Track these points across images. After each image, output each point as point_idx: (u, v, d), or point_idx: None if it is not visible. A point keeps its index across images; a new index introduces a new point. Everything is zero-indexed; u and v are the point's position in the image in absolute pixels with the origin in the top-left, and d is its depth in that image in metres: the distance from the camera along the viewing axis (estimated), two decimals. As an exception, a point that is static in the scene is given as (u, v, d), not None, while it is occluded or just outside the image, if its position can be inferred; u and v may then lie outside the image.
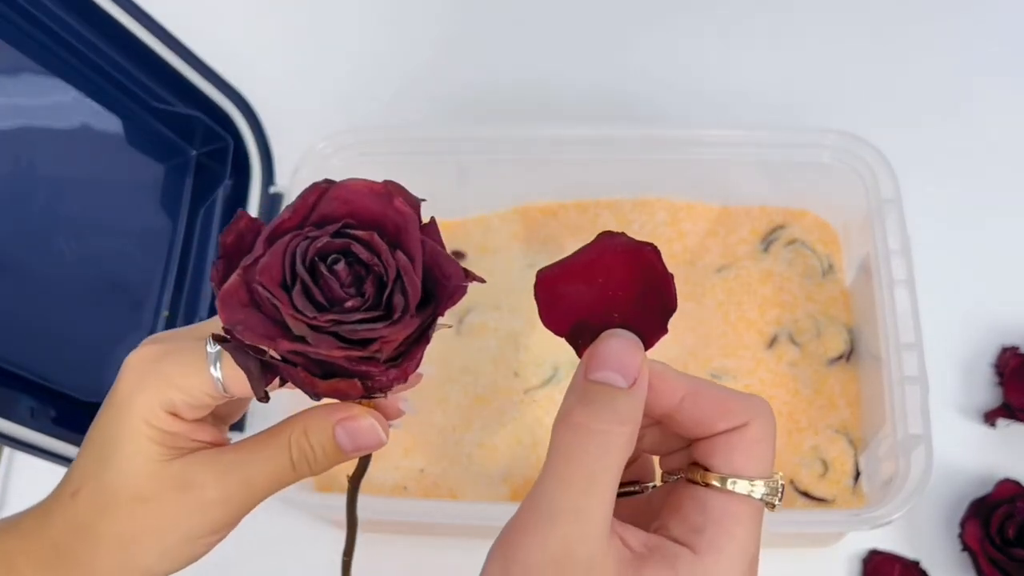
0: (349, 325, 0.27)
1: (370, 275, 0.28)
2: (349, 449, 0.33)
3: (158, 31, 0.64)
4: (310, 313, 0.27)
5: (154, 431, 0.32)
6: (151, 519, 0.32)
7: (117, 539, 0.33)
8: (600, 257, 0.29)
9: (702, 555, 0.27)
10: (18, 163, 0.60)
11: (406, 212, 0.28)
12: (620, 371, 0.28)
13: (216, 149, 0.71)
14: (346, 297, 0.27)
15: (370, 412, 0.33)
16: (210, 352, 0.32)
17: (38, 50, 0.61)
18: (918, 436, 0.54)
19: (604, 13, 0.84)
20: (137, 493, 0.32)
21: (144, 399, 0.32)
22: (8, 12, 0.58)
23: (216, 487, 0.33)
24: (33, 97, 0.61)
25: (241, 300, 0.27)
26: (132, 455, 0.32)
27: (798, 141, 0.65)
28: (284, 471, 0.33)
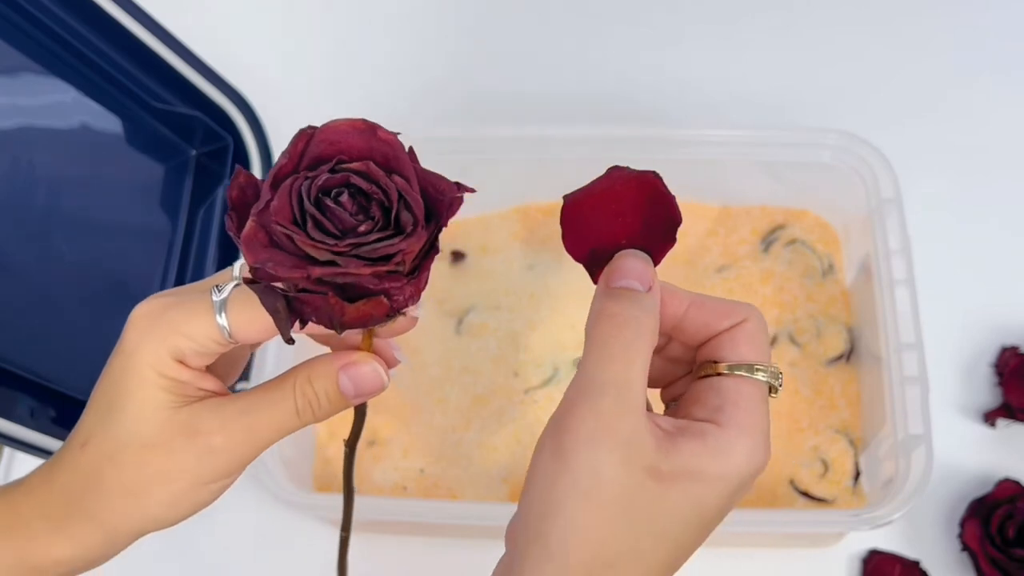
0: (369, 246, 0.28)
1: (373, 201, 0.29)
2: (352, 395, 0.34)
3: (158, 31, 0.64)
4: (331, 241, 0.28)
5: (162, 379, 0.33)
6: (159, 465, 0.33)
7: (126, 487, 0.33)
8: (612, 185, 0.34)
9: (725, 427, 0.31)
10: (18, 163, 0.60)
11: (392, 140, 0.31)
12: (638, 279, 0.32)
13: (216, 149, 0.71)
14: (357, 223, 0.29)
15: (372, 357, 0.34)
16: (215, 300, 0.33)
17: (38, 50, 0.61)
18: (918, 436, 0.54)
19: (604, 13, 0.84)
20: (146, 440, 0.33)
21: (151, 347, 0.33)
22: (8, 12, 0.58)
23: (222, 433, 0.33)
24: (33, 97, 0.61)
25: (262, 242, 0.28)
26: (140, 403, 0.33)
27: (798, 141, 0.65)
28: (288, 418, 0.34)
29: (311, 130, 0.30)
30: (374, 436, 0.67)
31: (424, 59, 0.83)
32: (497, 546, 0.34)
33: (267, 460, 0.58)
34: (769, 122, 0.76)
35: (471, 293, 0.70)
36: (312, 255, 0.28)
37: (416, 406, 0.67)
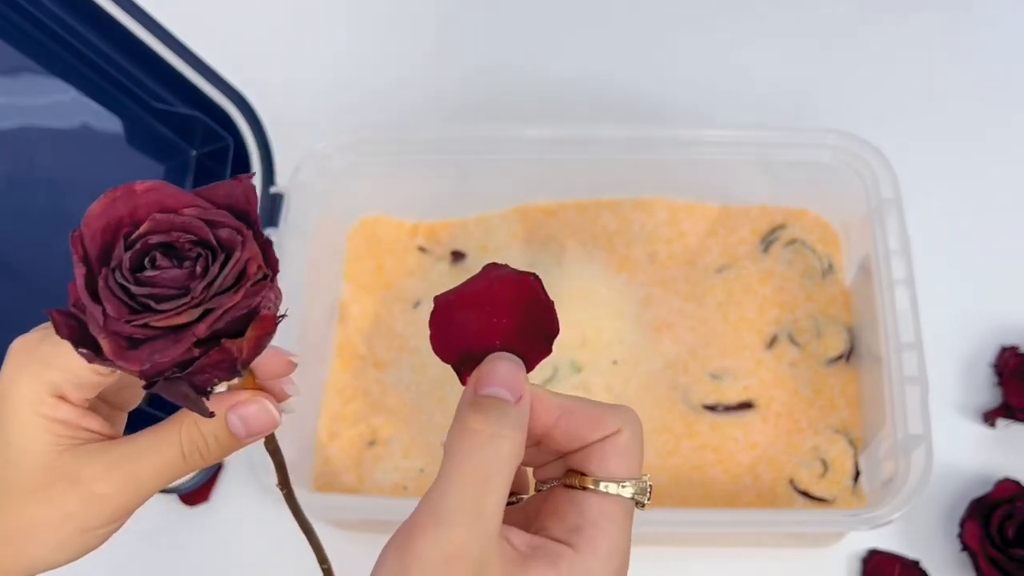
0: (219, 279, 0.28)
1: (184, 246, 0.28)
2: (243, 435, 0.33)
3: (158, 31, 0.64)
4: (186, 299, 0.27)
5: (41, 419, 0.32)
6: (43, 511, 0.32)
7: (9, 534, 0.32)
8: (489, 286, 0.32)
9: (581, 552, 0.29)
10: (18, 163, 0.60)
11: (153, 186, 0.29)
12: (507, 387, 0.30)
13: (216, 149, 0.71)
14: (190, 270, 0.28)
15: (260, 394, 0.33)
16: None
17: (38, 50, 0.61)
18: (918, 436, 0.54)
19: (604, 14, 0.84)
20: (26, 486, 0.32)
21: (27, 384, 0.32)
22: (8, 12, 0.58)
23: (104, 480, 0.32)
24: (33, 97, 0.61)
25: (126, 348, 0.27)
26: (19, 446, 0.32)
27: (798, 141, 0.65)
28: (175, 463, 0.33)
29: (77, 232, 0.29)
30: (374, 436, 0.67)
31: (425, 60, 0.83)
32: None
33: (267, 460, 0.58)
34: (769, 122, 0.76)
35: (471, 293, 0.70)
36: (180, 324, 0.27)
37: (416, 406, 0.67)
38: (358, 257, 0.72)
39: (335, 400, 0.68)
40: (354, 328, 0.70)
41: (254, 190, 0.29)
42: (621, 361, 0.67)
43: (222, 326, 0.28)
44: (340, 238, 0.72)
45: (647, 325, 0.68)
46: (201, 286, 0.27)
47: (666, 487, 0.63)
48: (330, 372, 0.69)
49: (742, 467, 0.63)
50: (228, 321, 0.28)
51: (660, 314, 0.68)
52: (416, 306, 0.70)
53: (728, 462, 0.63)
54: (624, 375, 0.67)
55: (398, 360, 0.69)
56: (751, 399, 0.65)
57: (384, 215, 0.73)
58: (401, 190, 0.71)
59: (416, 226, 0.73)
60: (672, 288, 0.69)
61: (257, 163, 0.71)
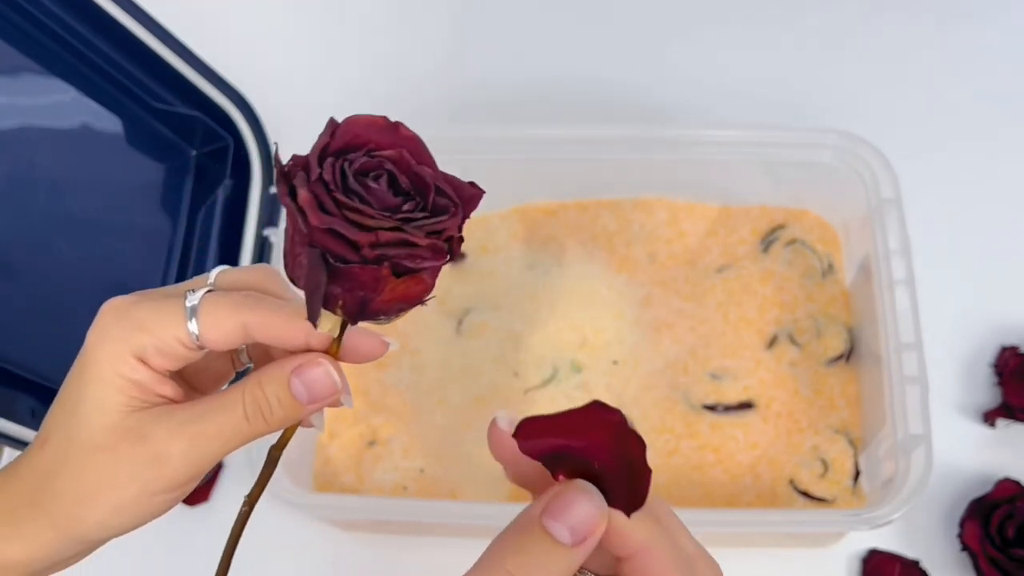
0: (418, 222, 0.29)
1: (410, 186, 0.30)
2: (305, 399, 0.33)
3: (158, 31, 0.64)
4: (385, 213, 0.28)
5: (118, 379, 0.32)
6: (107, 471, 0.32)
7: (75, 490, 0.32)
8: (587, 424, 0.28)
9: None
10: (18, 163, 0.60)
11: (413, 136, 0.31)
12: (573, 529, 0.27)
13: (216, 149, 0.71)
14: (400, 203, 0.29)
15: (325, 358, 0.33)
16: (188, 303, 0.32)
17: (38, 50, 0.61)
18: (918, 436, 0.54)
19: (603, 14, 0.84)
20: (96, 444, 0.32)
21: (113, 344, 0.32)
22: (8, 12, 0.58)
23: (169, 441, 0.32)
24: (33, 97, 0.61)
25: (312, 205, 0.28)
26: (93, 404, 0.32)
27: (798, 141, 0.65)
28: (238, 425, 0.33)
29: (333, 124, 0.31)
30: (374, 436, 0.67)
31: (425, 60, 0.83)
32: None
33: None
34: (769, 122, 0.76)
35: (471, 293, 0.70)
36: (364, 223, 0.28)
37: (416, 406, 0.67)
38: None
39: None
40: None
41: (479, 198, 0.31)
42: (621, 361, 0.67)
43: (391, 254, 0.28)
44: (340, 238, 0.72)
45: (647, 325, 0.68)
46: (402, 213, 0.29)
47: (666, 487, 0.63)
48: (330, 372, 0.69)
49: (742, 467, 0.63)
50: (396, 256, 0.28)
51: (660, 314, 0.68)
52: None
53: (728, 462, 0.63)
54: (624, 375, 0.67)
55: (398, 360, 0.69)
56: (751, 399, 0.65)
57: (384, 215, 0.73)
58: (401, 190, 0.71)
59: (416, 226, 0.73)
60: (672, 288, 0.69)
61: (257, 163, 0.71)
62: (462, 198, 0.30)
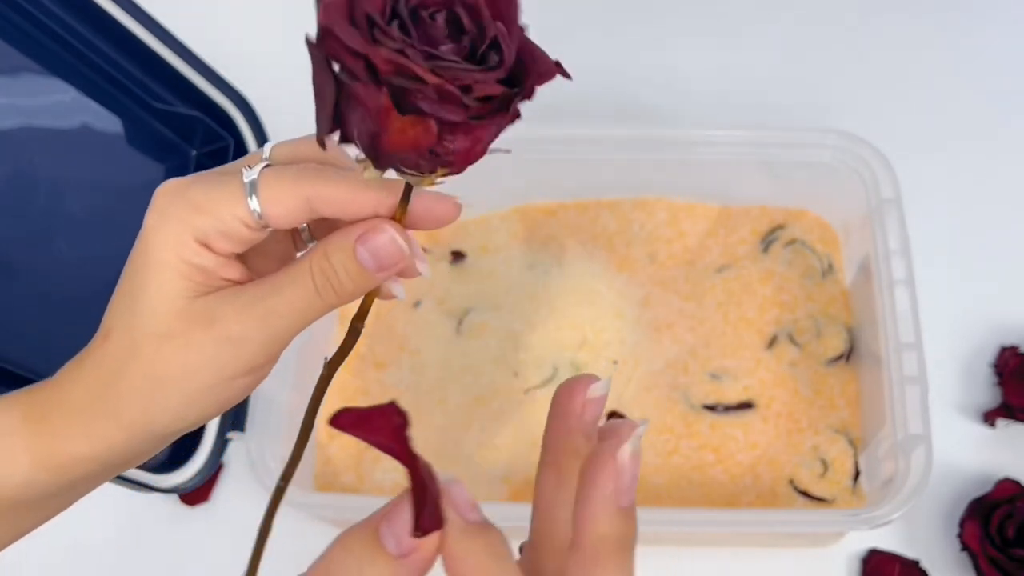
0: (444, 62, 0.26)
1: (466, 35, 0.27)
2: (372, 266, 0.31)
3: (158, 31, 0.64)
4: (408, 42, 0.25)
5: (182, 264, 0.31)
6: (178, 358, 0.31)
7: (144, 381, 0.31)
8: (378, 425, 0.28)
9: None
10: (18, 163, 0.60)
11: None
12: (397, 538, 0.27)
13: (216, 149, 0.71)
14: (443, 41, 0.26)
15: (390, 223, 0.31)
16: (245, 179, 0.31)
17: (38, 50, 0.61)
18: (918, 436, 0.54)
19: (603, 13, 0.84)
20: (163, 331, 0.31)
21: (171, 228, 0.31)
22: (8, 12, 0.58)
23: (239, 322, 0.31)
24: (33, 97, 0.61)
25: (341, 12, 0.26)
26: (157, 291, 0.31)
27: (798, 141, 0.65)
28: (309, 298, 0.31)
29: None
30: (374, 436, 0.67)
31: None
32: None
33: (267, 460, 0.58)
34: (769, 122, 0.76)
35: (471, 293, 0.70)
36: (381, 42, 0.25)
37: (416, 406, 0.67)
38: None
39: (335, 400, 0.68)
40: (354, 328, 0.70)
41: (552, 74, 0.27)
42: (621, 361, 0.67)
43: (393, 81, 0.25)
44: (340, 238, 0.72)
45: (647, 325, 0.68)
46: (423, 49, 0.26)
47: (666, 487, 0.63)
48: (330, 372, 0.69)
49: (742, 467, 0.63)
50: (399, 84, 0.25)
51: (660, 314, 0.68)
52: (416, 306, 0.70)
53: (728, 462, 0.63)
54: (624, 375, 0.67)
55: (398, 360, 0.69)
56: (751, 399, 0.65)
57: (384, 215, 0.73)
58: (401, 190, 0.71)
59: (416, 226, 0.73)
60: (672, 288, 0.69)
61: (257, 163, 0.71)
62: (529, 73, 0.27)
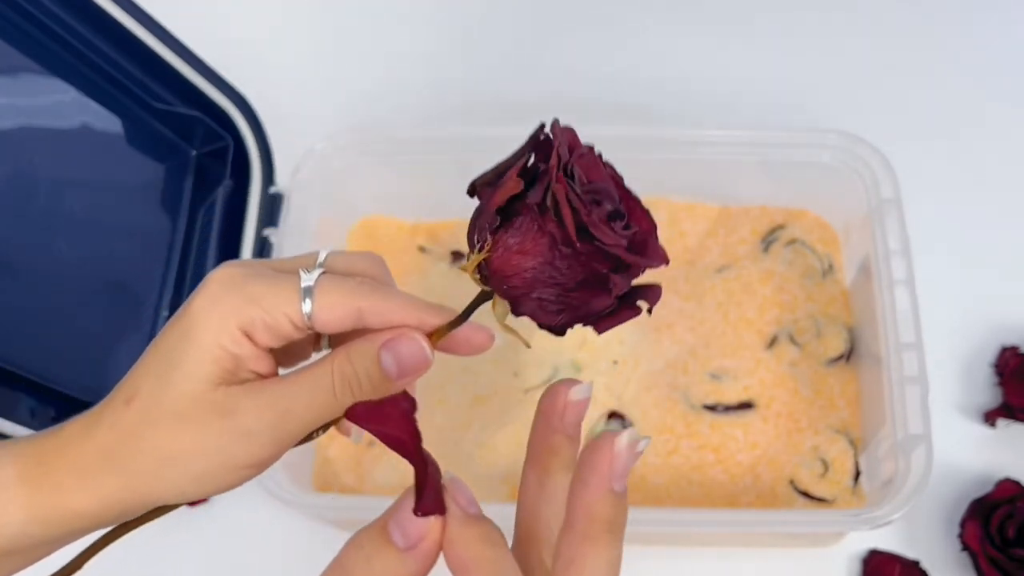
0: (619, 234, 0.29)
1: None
2: (395, 372, 0.32)
3: (158, 31, 0.64)
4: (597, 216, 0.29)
5: (219, 350, 0.32)
6: (191, 441, 0.32)
7: (158, 454, 0.32)
8: (388, 413, 0.30)
9: None
10: (18, 163, 0.60)
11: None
12: (404, 532, 0.29)
13: (216, 149, 0.71)
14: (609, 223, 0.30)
15: (412, 332, 0.32)
16: (303, 284, 0.32)
17: (38, 50, 0.61)
18: (918, 436, 0.54)
19: (603, 13, 0.84)
20: (182, 412, 0.32)
21: (220, 315, 0.32)
22: (8, 12, 0.58)
23: (253, 415, 0.32)
24: (33, 97, 0.61)
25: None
26: (190, 373, 0.32)
27: (798, 141, 0.65)
28: (326, 400, 0.32)
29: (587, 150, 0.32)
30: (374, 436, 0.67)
31: (424, 59, 0.83)
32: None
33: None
34: (769, 122, 0.76)
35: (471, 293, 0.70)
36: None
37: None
38: (358, 257, 0.72)
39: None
40: (354, 328, 0.70)
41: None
42: (621, 361, 0.67)
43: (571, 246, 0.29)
44: (340, 238, 0.72)
45: (647, 325, 0.68)
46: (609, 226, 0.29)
47: (666, 487, 0.63)
48: (330, 372, 0.69)
49: (742, 467, 0.63)
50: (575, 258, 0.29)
51: (660, 314, 0.68)
52: (416, 306, 0.70)
53: (728, 462, 0.63)
54: (624, 375, 0.67)
55: (398, 360, 0.69)
56: (751, 399, 0.65)
57: (384, 215, 0.73)
58: (401, 190, 0.71)
59: (416, 226, 0.73)
60: (672, 288, 0.69)
61: (257, 163, 0.71)
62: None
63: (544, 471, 0.32)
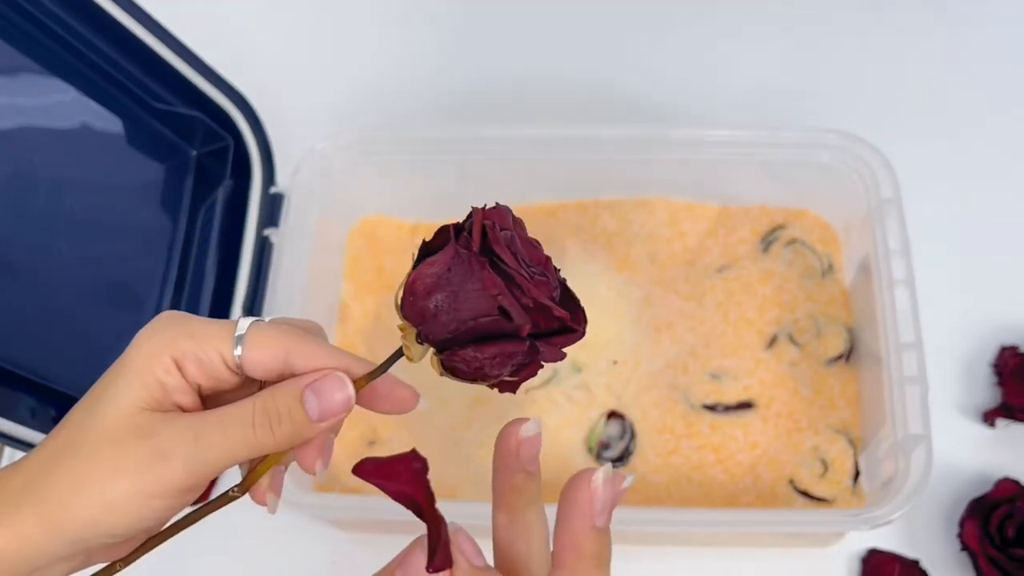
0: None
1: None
2: (316, 412, 0.33)
3: (158, 31, 0.64)
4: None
5: (149, 376, 0.33)
6: (106, 463, 0.32)
7: (72, 476, 0.32)
8: (396, 471, 0.32)
9: None
10: (18, 163, 0.60)
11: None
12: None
13: (216, 149, 0.71)
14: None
15: (344, 375, 0.33)
16: (237, 334, 0.33)
17: (38, 50, 0.61)
18: (918, 436, 0.54)
19: (604, 13, 0.84)
20: (105, 433, 0.32)
21: (155, 344, 0.33)
22: (8, 12, 0.58)
23: (168, 437, 0.32)
24: (33, 97, 0.61)
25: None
26: (117, 395, 0.33)
27: (798, 141, 0.65)
28: (244, 433, 0.33)
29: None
30: (374, 436, 0.67)
31: (425, 60, 0.83)
32: (497, 546, 0.34)
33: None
34: (769, 122, 0.76)
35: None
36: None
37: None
38: (358, 257, 0.72)
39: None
40: (354, 328, 0.70)
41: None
42: (621, 361, 0.67)
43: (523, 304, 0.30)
44: (340, 238, 0.72)
45: (647, 325, 0.68)
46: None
47: (666, 487, 0.63)
48: (330, 372, 0.69)
49: (742, 467, 0.63)
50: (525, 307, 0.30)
51: (660, 314, 0.68)
52: (416, 306, 0.70)
53: (728, 462, 0.63)
54: (624, 375, 0.67)
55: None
56: (751, 399, 0.65)
57: (384, 215, 0.73)
58: (401, 190, 0.71)
59: (416, 226, 0.73)
60: (672, 288, 0.69)
61: (257, 163, 0.71)
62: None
63: (511, 510, 0.33)
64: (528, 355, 0.30)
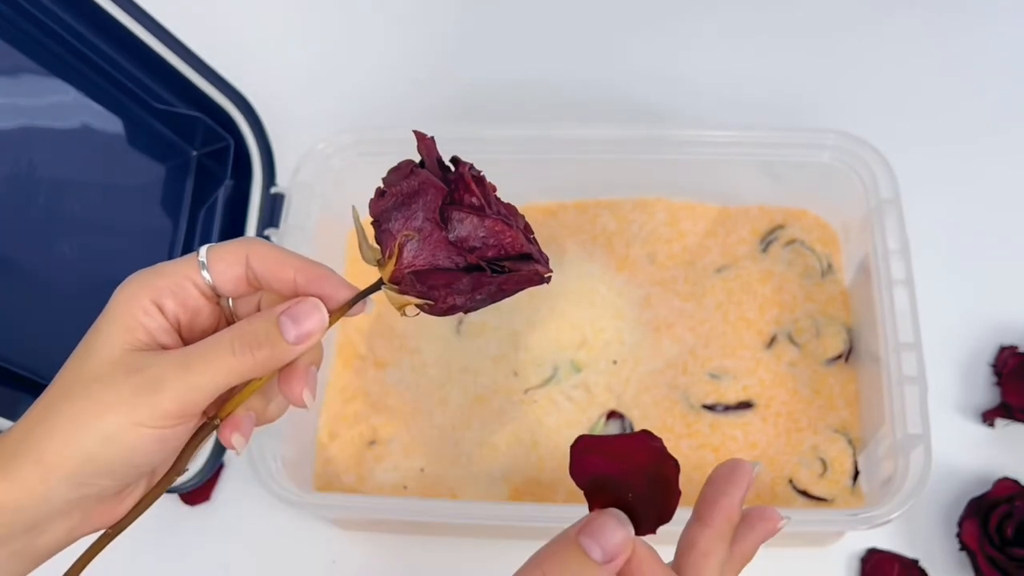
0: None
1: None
2: (292, 333, 0.35)
3: (158, 31, 0.64)
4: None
5: (131, 319, 0.35)
6: (100, 399, 0.33)
7: (66, 419, 0.33)
8: (632, 448, 0.33)
9: None
10: (18, 163, 0.60)
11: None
12: (603, 547, 0.32)
13: (217, 149, 0.71)
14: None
15: (317, 300, 0.36)
16: (200, 259, 0.36)
17: (38, 50, 0.61)
18: (917, 436, 0.54)
19: (604, 13, 0.84)
20: (95, 374, 0.34)
21: (132, 290, 0.35)
22: (8, 12, 0.58)
23: (158, 371, 0.34)
24: (33, 97, 0.61)
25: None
26: (102, 340, 0.35)
27: (798, 141, 0.65)
28: (226, 358, 0.34)
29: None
30: (374, 436, 0.67)
31: (424, 60, 0.83)
32: (497, 545, 0.34)
33: (267, 460, 0.58)
34: (769, 122, 0.76)
35: (471, 293, 0.70)
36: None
37: (416, 406, 0.67)
38: (358, 257, 0.72)
39: (335, 400, 0.68)
40: (354, 328, 0.70)
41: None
42: (621, 361, 0.67)
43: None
44: (340, 238, 0.73)
45: (647, 325, 0.68)
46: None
47: (666, 487, 0.63)
48: (330, 372, 0.69)
49: (742, 467, 0.63)
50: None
51: (660, 314, 0.68)
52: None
53: (728, 462, 0.64)
54: (624, 375, 0.67)
55: (398, 360, 0.69)
56: (751, 399, 0.65)
57: (384, 215, 0.73)
58: (401, 190, 0.71)
59: (416, 226, 0.73)
60: (672, 288, 0.69)
61: (257, 163, 0.71)
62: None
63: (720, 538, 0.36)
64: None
